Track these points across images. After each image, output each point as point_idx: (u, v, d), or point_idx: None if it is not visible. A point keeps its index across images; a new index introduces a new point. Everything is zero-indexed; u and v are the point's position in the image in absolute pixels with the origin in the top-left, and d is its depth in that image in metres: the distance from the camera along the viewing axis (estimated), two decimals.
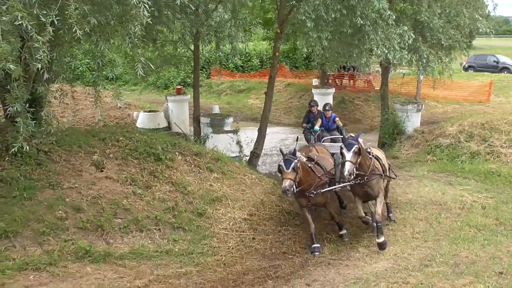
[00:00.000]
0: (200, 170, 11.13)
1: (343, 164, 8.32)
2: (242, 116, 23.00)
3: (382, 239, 8.76)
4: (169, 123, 17.28)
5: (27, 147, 6.95)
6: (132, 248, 8.55)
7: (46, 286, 7.25)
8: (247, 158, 14.78)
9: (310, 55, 20.55)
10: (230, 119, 15.99)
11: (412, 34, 12.04)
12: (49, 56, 6.54)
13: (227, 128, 15.54)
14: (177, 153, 11.35)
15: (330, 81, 27.09)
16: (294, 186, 8.37)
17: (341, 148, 8.36)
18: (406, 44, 11.99)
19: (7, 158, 9.10)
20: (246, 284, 7.82)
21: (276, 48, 14.80)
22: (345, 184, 9.12)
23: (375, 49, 11.54)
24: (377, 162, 9.13)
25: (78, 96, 14.45)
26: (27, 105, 7.12)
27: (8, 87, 6.84)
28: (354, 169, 8.17)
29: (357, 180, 8.70)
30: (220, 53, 25.36)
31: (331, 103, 21.86)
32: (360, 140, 8.64)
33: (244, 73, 31.10)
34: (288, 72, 30.05)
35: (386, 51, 11.54)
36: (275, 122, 22.30)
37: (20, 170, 9.05)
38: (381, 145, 17.33)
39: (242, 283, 7.87)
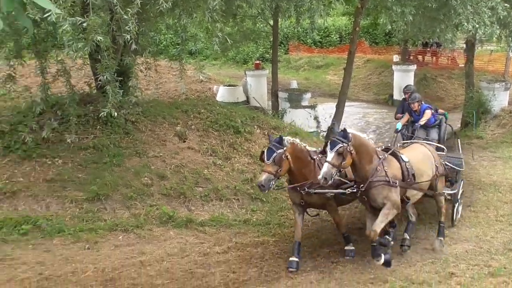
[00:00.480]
0: None
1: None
2: (320, 92, 22.74)
3: (381, 260, 6.99)
4: (247, 97, 17.42)
5: (115, 113, 7.31)
6: (212, 216, 8.84)
7: (133, 247, 7.70)
8: (324, 133, 14.67)
9: (391, 30, 19.78)
10: (308, 95, 15.89)
11: (506, 6, 11.23)
12: (137, 28, 6.79)
13: (304, 103, 15.48)
14: (255, 126, 11.50)
15: (411, 57, 26.12)
16: (273, 182, 6.86)
17: (325, 145, 6.76)
18: (499, 18, 11.22)
19: (98, 127, 9.66)
20: (321, 257, 7.83)
21: (356, 23, 14.45)
22: (337, 190, 7.19)
23: (465, 24, 10.88)
24: (395, 165, 7.15)
25: (161, 69, 14.93)
26: (116, 74, 7.47)
27: (99, 57, 7.20)
28: (335, 173, 6.46)
29: (353, 188, 7.05)
30: (298, 28, 25.11)
31: (412, 80, 21.20)
32: (359, 134, 6.99)
33: (323, 48, 30.57)
34: (367, 48, 29.24)
35: (476, 26, 10.87)
36: (353, 98, 21.89)
37: (110, 138, 9.58)
38: (464, 125, 16.58)
39: (318, 255, 7.89)
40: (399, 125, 9.84)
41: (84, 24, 6.24)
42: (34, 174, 8.93)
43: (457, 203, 8.85)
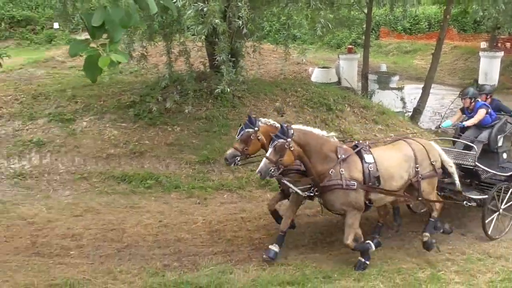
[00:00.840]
0: (366, 122, 10.86)
1: None
2: (406, 75, 21.60)
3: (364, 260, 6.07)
4: (339, 78, 16.95)
5: (228, 89, 7.43)
6: None
7: (236, 204, 7.93)
8: (410, 114, 14.00)
9: (481, 18, 18.22)
10: (396, 77, 15.21)
11: None
12: (248, 15, 6.79)
13: (392, 85, 14.83)
14: (346, 105, 11.21)
15: (499, 44, 23.90)
16: (238, 158, 6.24)
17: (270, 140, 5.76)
18: None
19: (210, 101, 9.94)
20: (402, 226, 7.53)
21: (447, 11, 13.52)
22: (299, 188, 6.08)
23: None
24: (356, 166, 5.79)
25: (264, 52, 14.95)
26: (229, 56, 7.58)
27: (216, 40, 7.32)
28: (273, 169, 5.50)
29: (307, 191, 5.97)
30: (390, 16, 23.94)
31: (498, 66, 19.44)
32: (311, 131, 5.82)
33: (411, 35, 28.93)
34: (455, 35, 27.18)
35: None
36: (438, 82, 20.49)
37: (219, 111, 9.83)
38: None
39: (398, 225, 7.60)
40: (445, 124, 7.98)
41: (205, 9, 6.34)
42: (157, 138, 9.43)
43: (493, 212, 7.03)
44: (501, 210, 7.11)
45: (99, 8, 2.42)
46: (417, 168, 6.09)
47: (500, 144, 7.51)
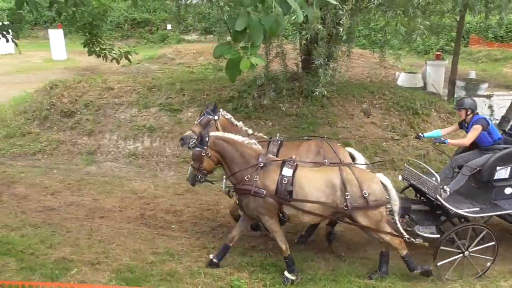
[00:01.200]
0: None
1: None
2: (495, 83, 19.76)
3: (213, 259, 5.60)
4: (425, 83, 16.00)
5: (325, 91, 7.26)
6: None
7: None
8: (497, 121, 12.80)
9: None
10: (485, 85, 13.99)
11: None
12: (349, 22, 6.58)
13: (480, 92, 13.66)
14: (432, 110, 10.54)
15: None
16: (193, 140, 5.66)
17: None
18: None
19: (301, 99, 9.83)
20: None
21: None
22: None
23: None
24: (272, 176, 5.29)
25: (352, 56, 14.50)
26: (326, 59, 7.41)
27: (316, 45, 7.19)
28: (198, 175, 5.39)
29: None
30: (481, 24, 22.13)
31: None
32: (232, 138, 5.42)
33: (503, 43, 26.44)
34: None
35: None
36: None
37: (308, 109, 9.69)
38: None
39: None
40: (430, 134, 6.58)
41: (308, 16, 6.25)
42: None
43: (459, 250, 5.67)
44: (466, 253, 5.69)
45: (243, 14, 2.41)
46: (347, 197, 5.21)
47: (505, 176, 5.84)
